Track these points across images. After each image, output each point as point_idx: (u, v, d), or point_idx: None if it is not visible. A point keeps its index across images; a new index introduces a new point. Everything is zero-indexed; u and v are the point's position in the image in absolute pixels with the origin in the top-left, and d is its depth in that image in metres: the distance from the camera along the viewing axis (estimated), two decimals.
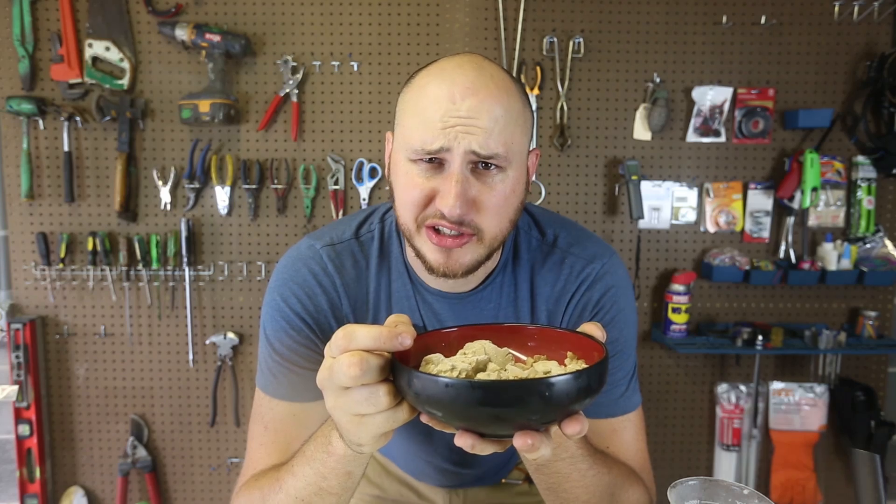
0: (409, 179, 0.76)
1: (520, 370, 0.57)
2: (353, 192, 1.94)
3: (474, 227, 0.76)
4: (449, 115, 0.72)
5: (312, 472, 0.69)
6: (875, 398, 1.98)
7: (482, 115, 0.72)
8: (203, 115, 1.80)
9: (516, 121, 0.75)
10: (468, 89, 0.72)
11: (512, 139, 0.75)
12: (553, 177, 1.96)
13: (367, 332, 0.53)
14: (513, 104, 0.75)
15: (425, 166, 0.75)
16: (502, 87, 0.75)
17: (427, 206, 0.76)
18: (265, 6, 1.87)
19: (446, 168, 0.74)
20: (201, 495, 2.05)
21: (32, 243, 1.90)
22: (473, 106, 0.72)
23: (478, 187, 0.75)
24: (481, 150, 0.72)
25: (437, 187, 0.75)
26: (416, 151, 0.74)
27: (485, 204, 0.75)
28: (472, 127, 0.72)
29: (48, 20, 1.85)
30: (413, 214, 0.77)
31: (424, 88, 0.76)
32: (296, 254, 0.90)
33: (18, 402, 1.88)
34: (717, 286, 2.01)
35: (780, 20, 1.91)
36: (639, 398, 0.92)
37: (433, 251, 0.77)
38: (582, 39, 1.89)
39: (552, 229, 0.91)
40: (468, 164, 0.74)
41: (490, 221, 0.76)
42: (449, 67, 0.76)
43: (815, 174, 1.88)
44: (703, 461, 2.09)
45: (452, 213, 0.72)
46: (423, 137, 0.73)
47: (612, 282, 0.88)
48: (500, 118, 0.73)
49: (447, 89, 0.73)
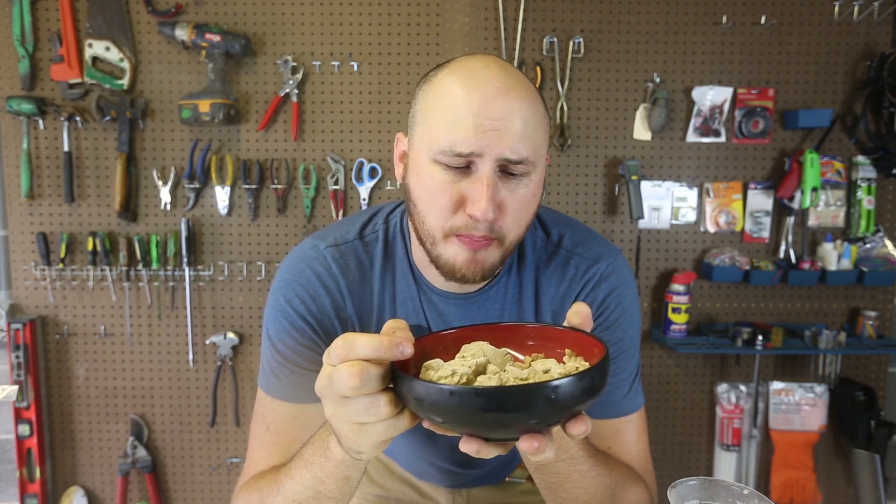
0: (435, 183, 0.74)
1: (519, 370, 0.57)
2: (353, 192, 1.93)
3: (499, 233, 0.75)
4: (482, 116, 0.70)
5: (310, 476, 0.69)
6: (875, 398, 1.98)
7: (514, 117, 0.71)
8: (203, 115, 1.80)
9: (541, 123, 0.75)
10: (499, 90, 0.71)
11: (538, 143, 0.74)
12: (553, 177, 1.96)
13: (366, 342, 0.53)
14: (538, 107, 0.75)
15: (452, 170, 0.73)
16: (529, 89, 0.74)
17: (456, 211, 0.74)
18: (265, 6, 1.87)
19: (474, 171, 0.72)
20: (201, 495, 2.05)
21: (32, 243, 1.90)
22: (506, 107, 0.71)
23: (504, 192, 0.73)
24: (512, 154, 0.71)
25: (466, 191, 0.72)
26: (445, 152, 0.72)
27: (510, 209, 0.74)
28: (505, 131, 0.70)
29: (48, 20, 1.85)
30: (441, 221, 0.75)
31: (451, 87, 0.73)
32: (299, 254, 0.90)
33: (18, 402, 1.88)
34: (717, 286, 2.01)
35: (780, 20, 1.91)
36: (641, 399, 0.92)
37: (459, 254, 0.75)
38: (582, 39, 1.89)
39: (557, 229, 0.91)
40: (497, 168, 0.72)
41: (512, 226, 0.75)
42: (476, 67, 0.74)
43: (815, 174, 1.88)
44: (703, 461, 2.09)
45: (486, 216, 0.71)
46: (453, 138, 0.71)
47: (618, 282, 0.88)
48: (529, 121, 0.72)
49: (479, 89, 0.71)
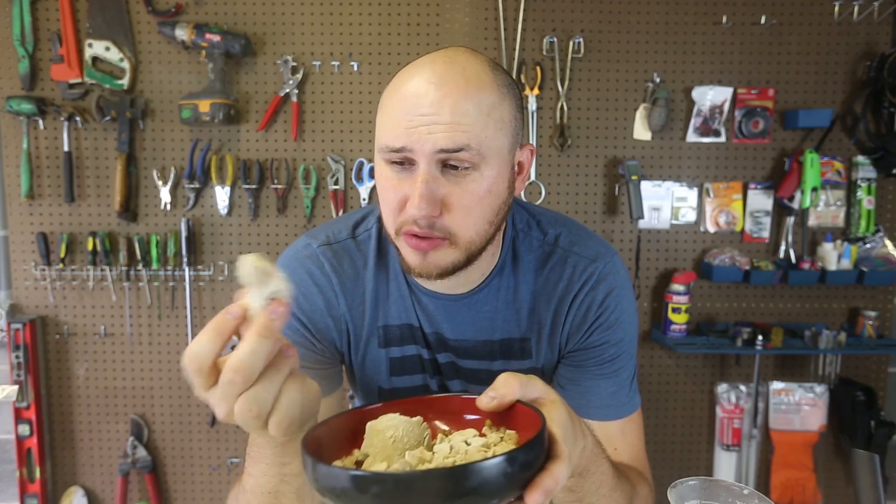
0: (384, 181, 0.75)
1: (445, 446, 0.53)
2: (353, 192, 1.93)
3: (444, 230, 0.73)
4: (413, 112, 0.70)
5: (268, 466, 0.65)
6: (875, 398, 1.98)
7: (444, 110, 0.69)
8: (203, 115, 1.80)
9: (489, 115, 0.71)
10: (433, 84, 0.70)
11: (484, 134, 0.71)
12: (553, 177, 1.96)
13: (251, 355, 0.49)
14: (484, 98, 0.71)
15: (398, 167, 0.73)
16: (473, 81, 0.71)
17: (402, 209, 0.74)
18: (265, 6, 1.87)
19: (415, 168, 0.72)
20: (201, 495, 2.05)
21: (32, 243, 1.90)
22: (436, 101, 0.69)
23: (447, 188, 0.72)
24: (447, 143, 0.69)
25: (407, 190, 0.72)
26: (383, 150, 0.73)
27: (456, 205, 0.72)
28: (435, 124, 0.69)
29: (48, 20, 1.85)
30: (392, 219, 0.76)
31: (395, 86, 0.74)
32: (293, 253, 0.90)
33: (18, 402, 1.88)
34: (717, 286, 2.01)
35: (780, 20, 1.91)
36: (639, 398, 0.92)
37: (411, 254, 0.76)
38: (582, 39, 1.89)
39: (553, 228, 0.90)
40: (437, 164, 0.71)
41: (462, 223, 0.73)
42: (423, 63, 0.74)
43: (815, 174, 1.88)
44: (703, 461, 2.09)
45: (419, 214, 0.70)
46: (388, 136, 0.72)
47: (616, 282, 0.88)
48: (468, 112, 0.70)
49: (414, 86, 0.71)
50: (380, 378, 0.92)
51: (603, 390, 0.88)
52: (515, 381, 0.54)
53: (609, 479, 0.69)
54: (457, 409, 0.58)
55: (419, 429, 0.56)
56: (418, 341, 0.90)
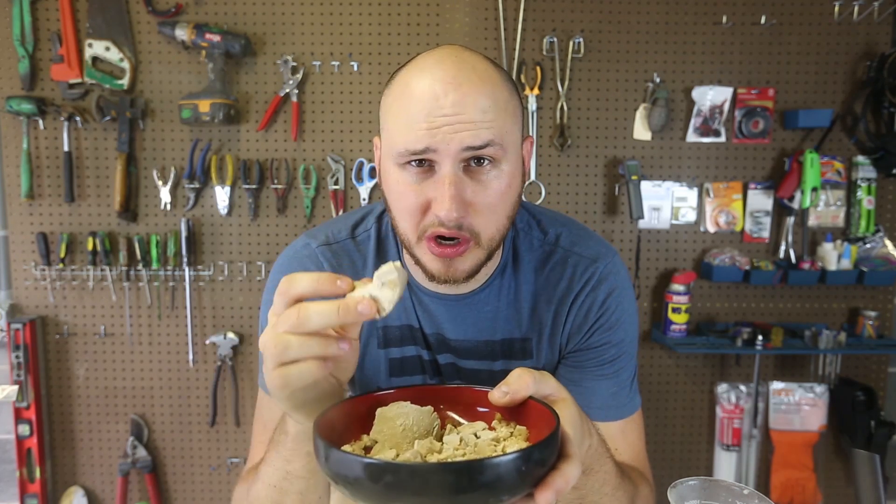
0: (401, 187, 0.73)
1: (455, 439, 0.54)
2: (353, 192, 1.93)
3: (470, 230, 0.73)
4: (433, 114, 0.69)
5: (278, 456, 0.69)
6: (875, 398, 1.98)
7: (467, 108, 0.69)
8: (203, 115, 1.80)
9: (505, 110, 0.72)
10: (450, 84, 0.69)
11: (503, 129, 0.72)
12: (553, 177, 1.96)
13: (320, 311, 0.52)
14: (499, 94, 0.72)
15: (415, 171, 0.72)
16: (486, 78, 0.72)
17: (425, 213, 0.73)
18: (265, 6, 1.87)
19: (437, 171, 0.71)
20: (201, 495, 2.05)
21: (32, 243, 1.90)
22: (458, 101, 0.69)
23: (472, 187, 0.72)
24: (474, 140, 0.69)
25: (431, 192, 0.71)
26: (402, 155, 0.71)
27: (481, 204, 0.72)
28: (459, 123, 0.69)
29: (48, 20, 1.85)
30: (412, 225, 0.74)
31: (406, 87, 0.73)
32: (292, 253, 0.90)
33: (18, 402, 1.88)
34: (717, 286, 2.01)
35: (780, 20, 1.91)
36: (640, 398, 0.93)
37: (433, 261, 0.75)
38: (582, 39, 1.89)
39: (554, 228, 0.90)
40: (460, 164, 0.71)
41: (487, 222, 0.74)
42: (429, 63, 0.73)
43: (815, 174, 1.88)
44: (703, 461, 2.09)
45: (449, 216, 0.69)
46: (406, 139, 0.70)
47: (617, 282, 0.88)
48: (488, 109, 0.70)
49: (429, 86, 0.70)
50: (379, 379, 0.92)
51: (603, 391, 0.88)
52: (529, 377, 0.54)
53: (612, 479, 0.69)
54: (468, 400, 0.59)
55: (429, 418, 0.56)
56: (418, 342, 0.90)
